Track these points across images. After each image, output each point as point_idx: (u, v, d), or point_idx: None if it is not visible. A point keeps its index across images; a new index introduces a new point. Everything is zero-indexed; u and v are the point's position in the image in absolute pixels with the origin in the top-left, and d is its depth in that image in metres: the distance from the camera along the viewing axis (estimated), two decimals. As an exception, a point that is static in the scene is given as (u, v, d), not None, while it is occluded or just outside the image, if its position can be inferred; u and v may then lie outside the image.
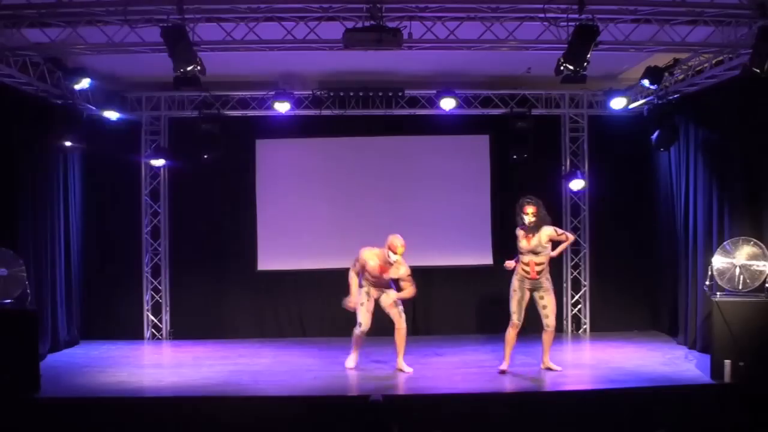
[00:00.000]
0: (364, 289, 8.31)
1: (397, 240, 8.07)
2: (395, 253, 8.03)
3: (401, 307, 8.32)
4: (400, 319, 8.29)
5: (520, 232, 8.09)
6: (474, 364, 8.85)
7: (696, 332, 9.26)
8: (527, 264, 8.04)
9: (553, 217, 11.09)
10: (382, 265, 8.14)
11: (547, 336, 8.29)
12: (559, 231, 8.16)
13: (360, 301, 8.24)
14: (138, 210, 10.90)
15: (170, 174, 10.99)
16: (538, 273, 8.05)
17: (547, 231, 8.03)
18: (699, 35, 7.86)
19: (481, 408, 7.08)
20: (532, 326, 10.84)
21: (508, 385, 7.77)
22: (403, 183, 11.00)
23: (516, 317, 8.16)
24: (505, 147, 10.79)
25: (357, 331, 8.30)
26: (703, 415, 7.06)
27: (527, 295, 8.16)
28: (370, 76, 10.16)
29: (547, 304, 8.16)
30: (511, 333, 8.20)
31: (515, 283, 8.16)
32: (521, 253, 8.08)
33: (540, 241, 7.99)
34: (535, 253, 8.00)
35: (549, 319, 8.18)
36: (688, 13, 7.40)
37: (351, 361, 8.49)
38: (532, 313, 10.91)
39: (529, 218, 7.98)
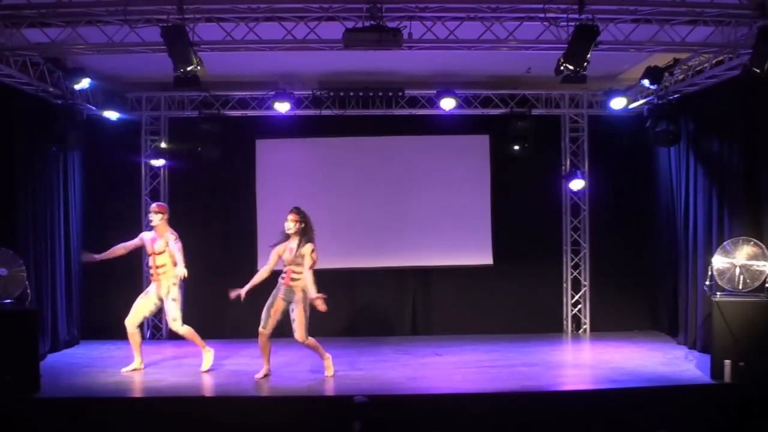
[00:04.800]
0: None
1: None
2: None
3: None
4: None
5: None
6: (474, 364, 8.85)
7: (696, 332, 9.26)
8: (286, 272, 7.96)
9: (553, 217, 11.27)
10: None
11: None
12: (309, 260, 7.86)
13: None
14: (138, 210, 10.90)
15: (170, 174, 10.99)
16: (292, 280, 7.90)
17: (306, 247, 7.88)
18: (699, 35, 7.86)
19: (481, 408, 7.08)
20: (530, 326, 10.97)
21: (508, 385, 7.76)
22: (403, 183, 11.00)
23: (262, 323, 8.01)
24: (506, 147, 10.81)
25: None
26: (703, 415, 7.06)
27: (281, 304, 7.98)
28: (370, 76, 10.16)
29: (295, 317, 7.92)
30: (260, 340, 8.09)
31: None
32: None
33: (300, 253, 7.86)
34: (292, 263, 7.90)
35: (296, 333, 7.93)
36: (688, 13, 7.41)
37: None
38: (526, 313, 11.07)
39: (287, 224, 7.93)
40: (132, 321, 8.54)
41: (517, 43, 7.82)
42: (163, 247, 8.41)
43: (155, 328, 10.94)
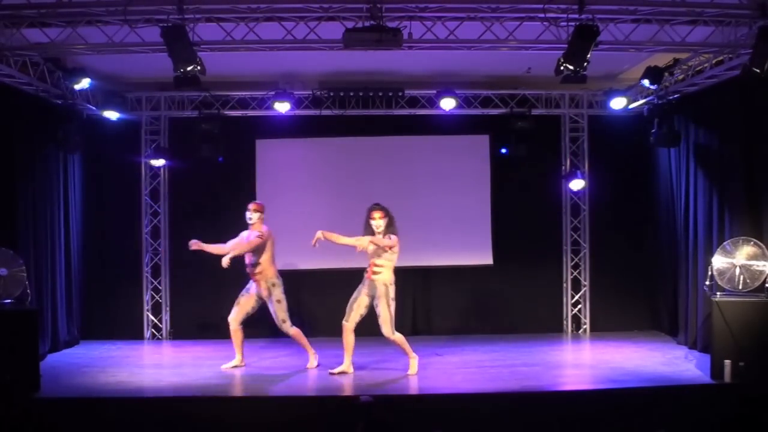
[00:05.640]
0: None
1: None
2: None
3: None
4: None
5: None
6: (474, 364, 8.85)
7: (696, 332, 9.26)
8: (369, 265, 8.04)
9: (553, 217, 11.27)
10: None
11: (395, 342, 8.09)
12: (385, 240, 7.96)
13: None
14: (138, 210, 10.91)
15: (170, 174, 10.99)
16: (374, 274, 7.99)
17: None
18: (699, 35, 7.86)
19: (481, 408, 7.08)
20: (530, 326, 10.97)
21: (508, 385, 7.76)
22: (404, 183, 10.98)
23: (345, 316, 8.06)
24: (506, 147, 10.81)
25: None
26: (703, 415, 7.06)
27: (364, 299, 8.03)
28: (370, 76, 10.16)
29: (380, 312, 7.96)
30: (343, 333, 8.10)
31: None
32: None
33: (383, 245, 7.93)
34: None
35: (382, 329, 7.96)
36: (688, 13, 7.40)
37: None
38: (526, 313, 11.07)
39: (375, 222, 8.00)
40: (236, 318, 8.53)
41: (517, 43, 7.82)
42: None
43: (155, 328, 10.94)
